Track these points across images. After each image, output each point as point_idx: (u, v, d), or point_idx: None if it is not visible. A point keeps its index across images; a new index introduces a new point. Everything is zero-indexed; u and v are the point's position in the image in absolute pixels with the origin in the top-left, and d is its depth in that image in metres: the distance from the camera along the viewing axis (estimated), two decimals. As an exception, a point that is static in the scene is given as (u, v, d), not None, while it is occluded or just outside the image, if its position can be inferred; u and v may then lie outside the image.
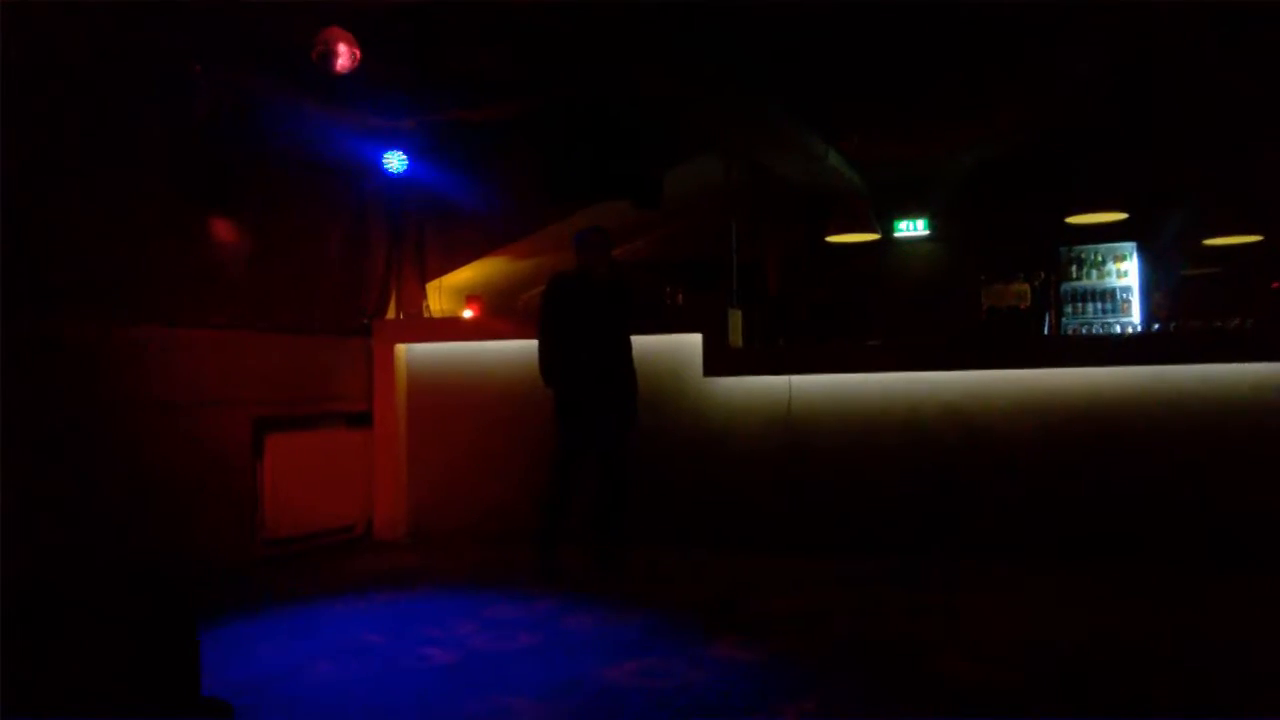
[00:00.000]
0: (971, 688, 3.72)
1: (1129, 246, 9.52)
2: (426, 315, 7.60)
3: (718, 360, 6.46)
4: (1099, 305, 9.56)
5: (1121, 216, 8.20)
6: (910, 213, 10.44)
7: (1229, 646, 4.21)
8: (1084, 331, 9.29)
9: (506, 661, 4.11)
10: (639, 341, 5.93)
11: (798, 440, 6.35)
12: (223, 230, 6.27)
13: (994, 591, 5.23)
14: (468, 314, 7.41)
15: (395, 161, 7.21)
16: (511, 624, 4.67)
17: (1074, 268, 9.69)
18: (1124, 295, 9.53)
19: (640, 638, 4.41)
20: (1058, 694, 3.66)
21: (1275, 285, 8.99)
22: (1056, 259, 9.65)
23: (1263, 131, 8.09)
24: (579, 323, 5.68)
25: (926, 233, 10.48)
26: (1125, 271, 9.57)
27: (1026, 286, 8.60)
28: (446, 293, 7.93)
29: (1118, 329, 9.20)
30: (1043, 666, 3.96)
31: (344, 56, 5.34)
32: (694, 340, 6.50)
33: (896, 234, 10.45)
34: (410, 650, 4.28)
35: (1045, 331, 8.25)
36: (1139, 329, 9.04)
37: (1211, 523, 5.65)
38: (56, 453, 5.15)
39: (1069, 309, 9.63)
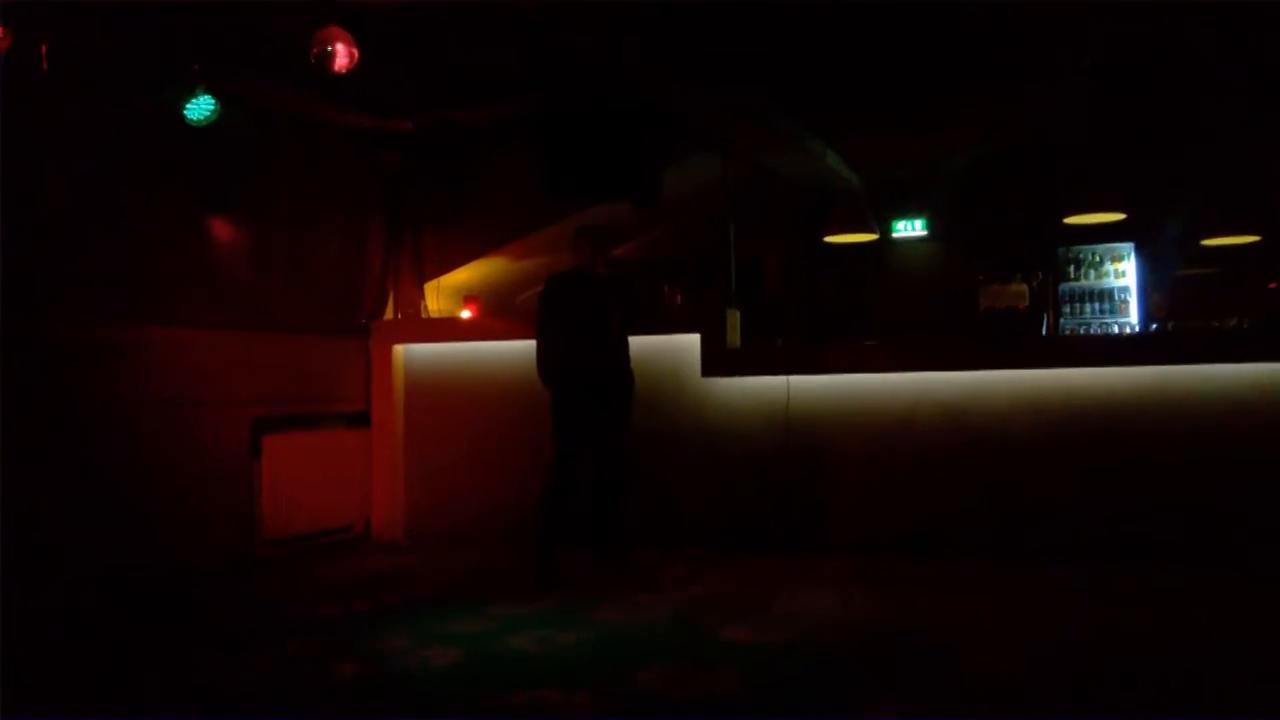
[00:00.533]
0: (962, 692, 3.71)
1: (1127, 247, 9.52)
2: (424, 316, 7.60)
3: (716, 361, 6.45)
4: (1097, 305, 9.56)
5: (1119, 217, 8.20)
6: (908, 213, 10.43)
7: (1232, 646, 4.21)
8: (1082, 332, 9.29)
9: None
10: (637, 341, 5.93)
11: (796, 440, 6.35)
12: (220, 230, 6.26)
13: (992, 593, 5.22)
14: (466, 314, 7.40)
15: (393, 162, 7.25)
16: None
17: (1072, 268, 9.68)
18: (1122, 295, 9.53)
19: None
20: (1057, 695, 3.65)
21: (1273, 285, 8.99)
22: (1054, 259, 9.64)
23: (1261, 131, 8.09)
24: (576, 322, 5.67)
25: (924, 233, 10.47)
26: (1123, 272, 9.56)
27: (1024, 287, 8.58)
28: (444, 293, 7.92)
29: (1116, 329, 9.20)
30: (1042, 668, 3.95)
31: (342, 56, 5.31)
32: (692, 340, 6.50)
33: (895, 234, 10.44)
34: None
35: (1043, 332, 8.25)
36: (1137, 329, 9.04)
37: (1212, 523, 5.65)
38: (55, 453, 5.14)
39: (1067, 309, 9.62)
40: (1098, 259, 9.62)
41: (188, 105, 5.61)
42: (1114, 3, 5.72)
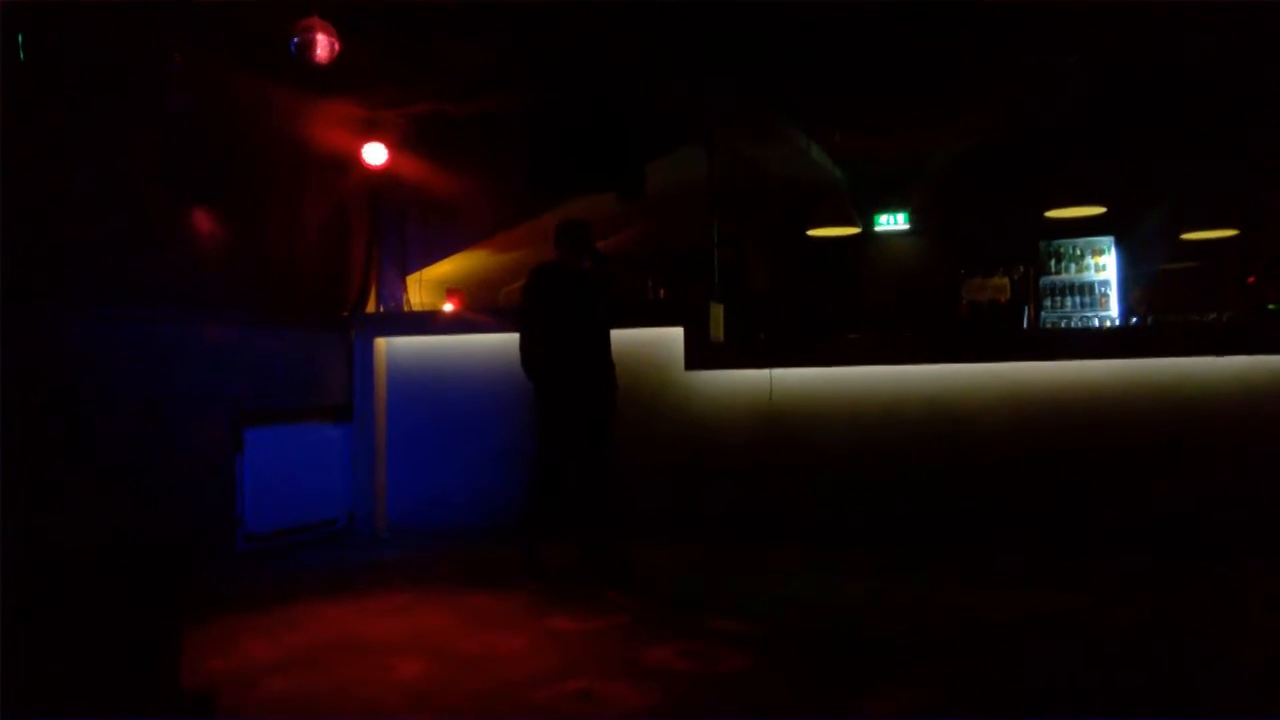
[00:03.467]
0: (947, 693, 3.72)
1: (1107, 240, 9.59)
2: (407, 308, 7.57)
3: (700, 354, 6.46)
4: (1078, 299, 9.62)
5: (1100, 210, 8.26)
6: (890, 207, 10.48)
7: (1212, 637, 4.25)
8: (1063, 325, 9.35)
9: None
10: (621, 335, 5.92)
11: (779, 433, 6.37)
12: (202, 222, 6.22)
13: (976, 584, 5.25)
14: (449, 307, 7.39)
15: (376, 154, 7.20)
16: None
17: (1053, 261, 9.74)
18: (1102, 289, 9.60)
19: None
20: (1043, 691, 3.66)
21: (1251, 280, 9.06)
22: (1036, 253, 9.70)
23: (1240, 126, 8.15)
24: (559, 314, 5.66)
25: (907, 227, 10.52)
26: (1104, 265, 9.63)
27: (1006, 280, 8.63)
28: (427, 286, 7.89)
29: (1096, 323, 9.26)
30: (1029, 664, 3.97)
31: (323, 47, 5.29)
32: (676, 334, 6.51)
33: (877, 228, 10.49)
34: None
35: (1024, 325, 8.29)
36: (1117, 323, 9.10)
37: (1192, 514, 5.70)
38: (39, 447, 5.11)
39: (1048, 303, 9.68)
40: (1078, 252, 9.68)
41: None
42: (1095, 3, 5.75)
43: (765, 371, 6.36)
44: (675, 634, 4.37)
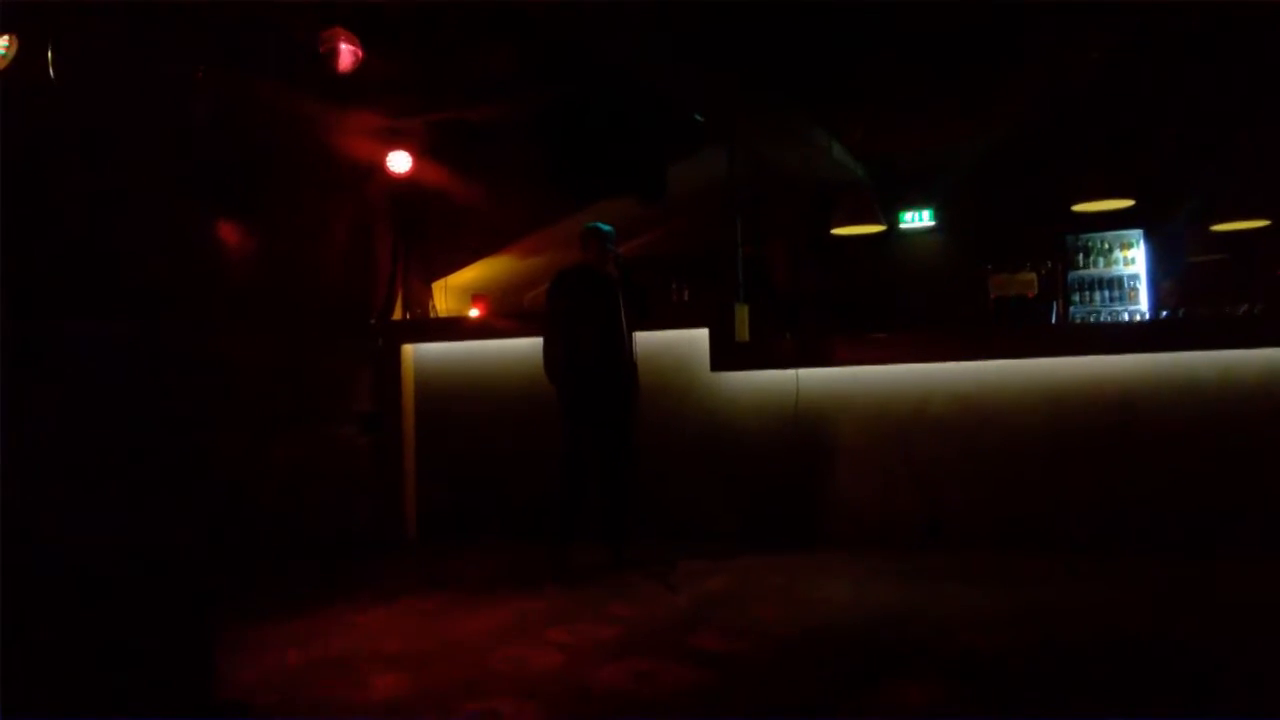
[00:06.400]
0: (972, 686, 3.69)
1: (1136, 234, 9.49)
2: (433, 315, 7.60)
3: (725, 355, 6.45)
4: (1106, 293, 9.54)
5: (1128, 203, 8.17)
6: (915, 204, 10.42)
7: (1244, 637, 4.19)
8: (1092, 320, 9.27)
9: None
10: (646, 337, 5.92)
11: (806, 434, 6.34)
12: (228, 232, 6.27)
13: (1008, 584, 5.20)
14: (474, 313, 7.41)
15: (399, 161, 7.23)
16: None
17: (1081, 256, 9.66)
18: (1131, 283, 9.50)
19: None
20: (1060, 687, 3.63)
21: (1283, 270, 8.94)
22: (1063, 247, 9.62)
23: (1269, 114, 8.05)
24: (583, 318, 5.66)
25: (932, 223, 10.45)
26: (1132, 259, 9.54)
27: (1033, 275, 8.56)
28: (452, 292, 7.93)
29: (1125, 317, 9.17)
30: (1048, 663, 3.94)
31: (346, 56, 5.33)
32: (701, 335, 6.50)
33: (902, 225, 10.43)
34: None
35: (1053, 320, 8.22)
36: (1147, 316, 9.01)
37: (1224, 509, 5.63)
38: (67, 454, 5.15)
39: (1076, 297, 9.60)
40: (1106, 246, 9.59)
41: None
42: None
43: (792, 372, 6.33)
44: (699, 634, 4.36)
